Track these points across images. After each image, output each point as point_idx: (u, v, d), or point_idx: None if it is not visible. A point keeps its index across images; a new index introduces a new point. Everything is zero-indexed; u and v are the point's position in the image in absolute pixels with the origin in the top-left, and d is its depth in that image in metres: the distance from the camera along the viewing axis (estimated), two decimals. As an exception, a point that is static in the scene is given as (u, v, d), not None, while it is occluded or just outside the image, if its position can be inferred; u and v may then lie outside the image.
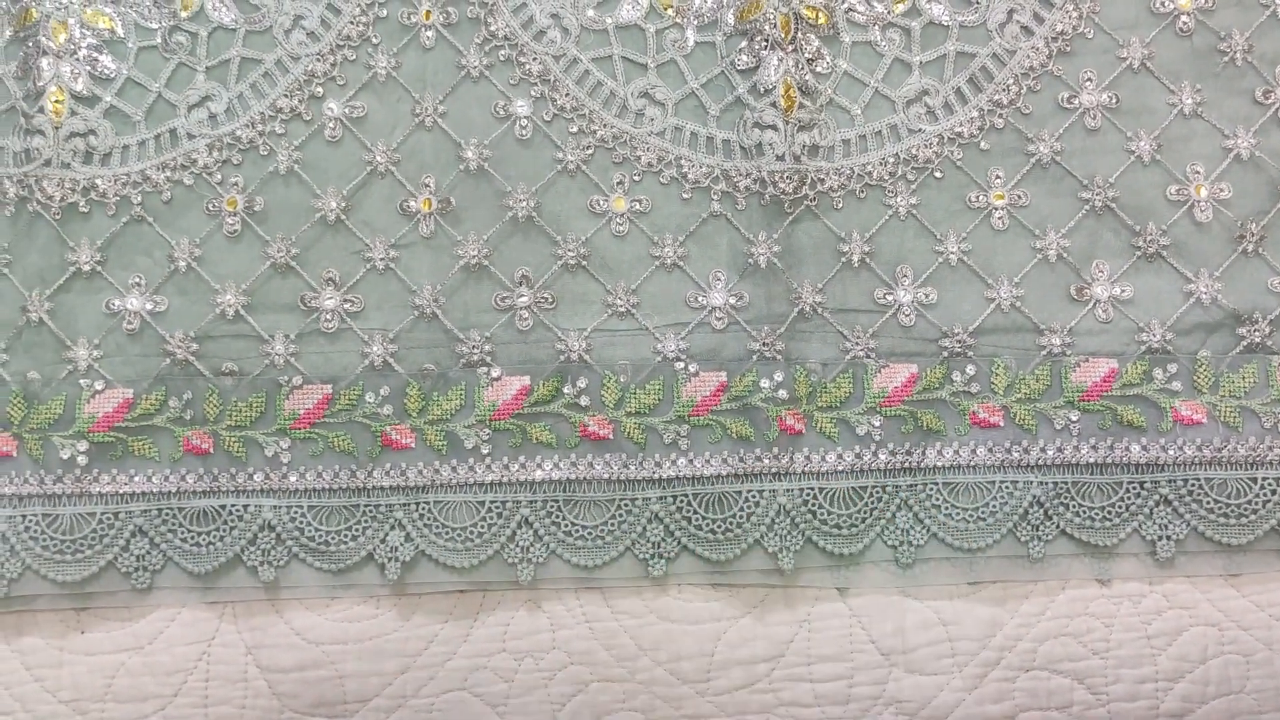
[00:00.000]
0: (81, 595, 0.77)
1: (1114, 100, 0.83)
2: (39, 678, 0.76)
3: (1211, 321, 0.80)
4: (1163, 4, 0.84)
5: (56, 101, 0.81)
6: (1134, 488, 0.79)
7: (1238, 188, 0.82)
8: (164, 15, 0.84)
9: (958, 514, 0.79)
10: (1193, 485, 0.78)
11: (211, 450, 0.78)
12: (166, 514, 0.78)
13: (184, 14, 0.84)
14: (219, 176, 0.82)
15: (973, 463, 0.79)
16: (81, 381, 0.79)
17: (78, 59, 0.82)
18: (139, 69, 0.83)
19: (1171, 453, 0.78)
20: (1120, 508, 0.78)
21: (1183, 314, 0.80)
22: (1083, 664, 0.78)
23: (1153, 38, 0.84)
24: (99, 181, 0.81)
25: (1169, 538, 0.78)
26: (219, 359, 0.80)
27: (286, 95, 0.83)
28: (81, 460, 0.77)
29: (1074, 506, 0.78)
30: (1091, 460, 0.79)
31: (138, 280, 0.80)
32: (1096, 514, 0.78)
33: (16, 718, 0.76)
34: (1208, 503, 0.78)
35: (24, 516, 0.77)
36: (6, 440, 0.78)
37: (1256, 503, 0.77)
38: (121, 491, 0.78)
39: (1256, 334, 0.80)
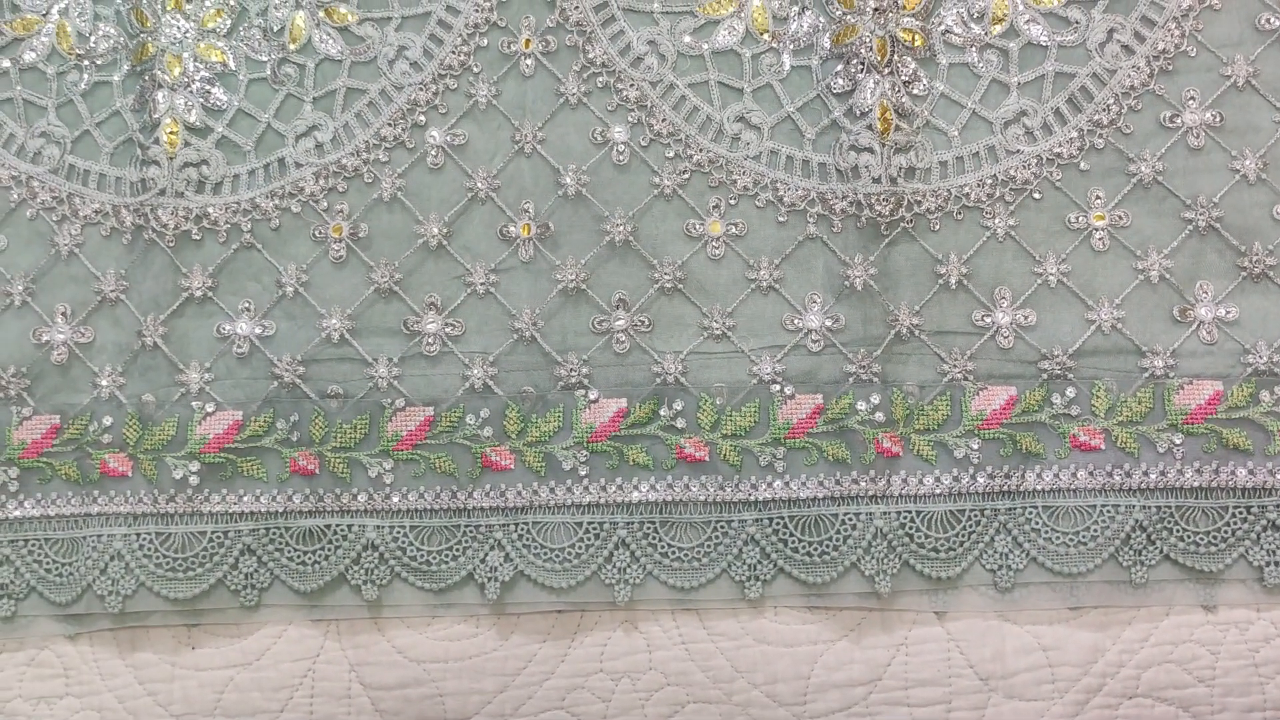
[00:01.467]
0: (192, 612, 0.78)
1: (1218, 119, 0.82)
2: (151, 692, 0.78)
3: (1321, 343, 0.78)
4: (1268, 20, 0.83)
5: (171, 133, 0.83)
6: (1240, 512, 0.77)
7: (1348, 207, 0.79)
8: (273, 48, 0.85)
9: (1058, 538, 0.78)
10: (1303, 510, 0.76)
11: (317, 471, 0.79)
12: (274, 533, 0.79)
13: (292, 46, 0.85)
14: (325, 204, 0.83)
15: (1073, 486, 0.78)
16: (193, 404, 0.80)
17: (191, 91, 0.84)
18: (249, 100, 0.84)
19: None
20: (1226, 533, 0.77)
21: (1291, 336, 0.79)
22: (1188, 692, 0.77)
23: (1258, 54, 0.83)
24: (211, 209, 0.82)
25: (1278, 564, 0.76)
26: (324, 382, 0.81)
27: (390, 124, 0.84)
28: (193, 480, 0.78)
29: (1178, 531, 0.77)
30: (1196, 484, 0.77)
31: (247, 305, 0.81)
32: (1201, 539, 0.77)
33: (129, 730, 0.77)
34: (1319, 528, 0.76)
35: (138, 535, 0.78)
36: (122, 460, 0.79)
37: (1370, 528, 0.76)
38: (231, 511, 0.79)
39: (1368, 356, 0.77)
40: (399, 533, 0.79)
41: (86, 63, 0.85)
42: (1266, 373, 0.78)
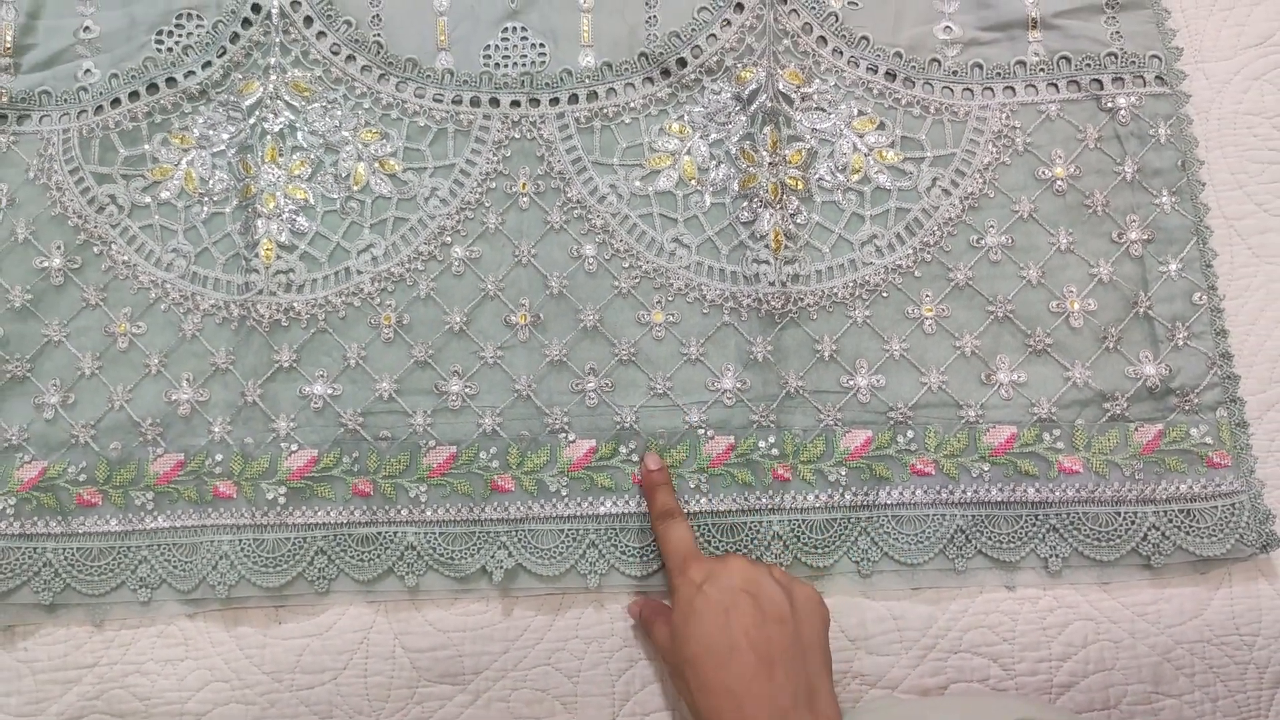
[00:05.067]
0: (279, 596, 0.84)
1: (1010, 241, 0.90)
2: (249, 655, 0.84)
3: (1084, 399, 0.86)
4: (1044, 172, 0.92)
5: (267, 250, 0.90)
6: (1031, 519, 0.84)
7: (1100, 303, 0.89)
8: (341, 189, 0.92)
9: (903, 538, 0.84)
10: (1074, 517, 0.84)
11: (371, 493, 0.85)
12: (340, 538, 0.84)
13: (355, 188, 0.92)
14: (378, 300, 0.89)
15: (913, 501, 0.84)
16: (282, 445, 0.86)
17: (282, 219, 0.91)
18: (324, 226, 0.91)
19: (1058, 494, 0.84)
20: (1021, 534, 0.84)
21: (1063, 394, 0.87)
22: (996, 648, 0.84)
23: (1037, 196, 0.91)
24: (295, 304, 0.89)
25: (1057, 556, 0.83)
26: (377, 428, 0.87)
27: (426, 243, 0.91)
28: (281, 500, 0.85)
29: (987, 533, 0.84)
30: (999, 499, 0.84)
31: (321, 373, 0.88)
32: (1004, 539, 0.84)
33: (232, 684, 0.84)
34: (1085, 530, 0.83)
35: (240, 541, 0.84)
36: (229, 486, 0.86)
37: (1120, 530, 0.84)
38: (309, 522, 0.84)
39: (1117, 408, 0.86)
40: (431, 537, 0.84)
41: (206, 199, 0.92)
42: (1047, 420, 0.86)
